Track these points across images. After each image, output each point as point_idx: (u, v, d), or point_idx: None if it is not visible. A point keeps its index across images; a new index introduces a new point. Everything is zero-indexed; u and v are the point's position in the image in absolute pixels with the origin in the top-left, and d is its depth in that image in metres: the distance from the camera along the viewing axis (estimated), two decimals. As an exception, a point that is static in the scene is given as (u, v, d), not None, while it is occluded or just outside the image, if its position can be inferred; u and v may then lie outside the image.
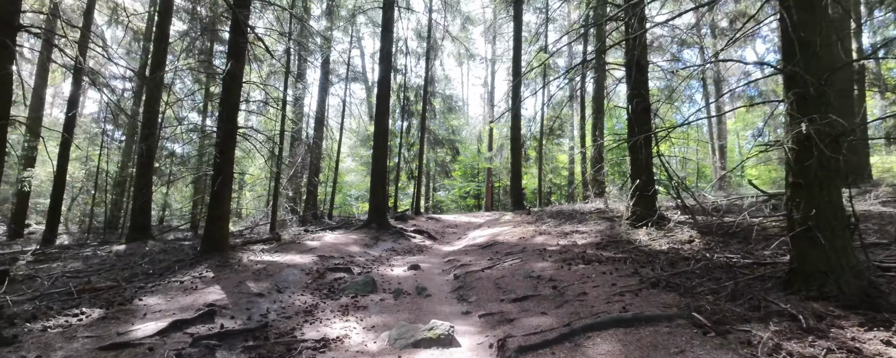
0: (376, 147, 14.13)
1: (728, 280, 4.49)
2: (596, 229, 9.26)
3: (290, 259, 8.59)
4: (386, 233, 13.03)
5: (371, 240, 12.01)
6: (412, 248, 11.68)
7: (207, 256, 8.34)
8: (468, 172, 33.36)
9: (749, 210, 9.18)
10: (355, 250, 10.49)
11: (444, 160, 26.87)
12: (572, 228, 10.05)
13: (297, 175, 19.13)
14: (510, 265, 7.02)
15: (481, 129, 27.87)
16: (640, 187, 8.11)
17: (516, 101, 17.13)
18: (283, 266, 7.83)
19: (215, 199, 8.55)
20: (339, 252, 9.93)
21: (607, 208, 14.09)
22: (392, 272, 8.00)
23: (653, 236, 7.40)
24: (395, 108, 23.52)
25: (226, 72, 8.38)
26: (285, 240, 11.49)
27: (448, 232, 15.58)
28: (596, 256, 6.76)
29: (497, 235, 11.20)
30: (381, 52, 14.29)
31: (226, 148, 8.64)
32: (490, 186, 28.52)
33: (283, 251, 9.54)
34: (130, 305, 5.42)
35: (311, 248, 10.03)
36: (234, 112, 8.77)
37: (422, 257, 9.95)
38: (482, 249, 9.57)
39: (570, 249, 7.52)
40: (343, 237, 12.11)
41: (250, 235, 13.92)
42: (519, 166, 16.77)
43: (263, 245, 10.58)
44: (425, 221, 18.49)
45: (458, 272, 7.38)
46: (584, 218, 11.47)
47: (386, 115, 14.25)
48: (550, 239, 9.01)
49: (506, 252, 8.38)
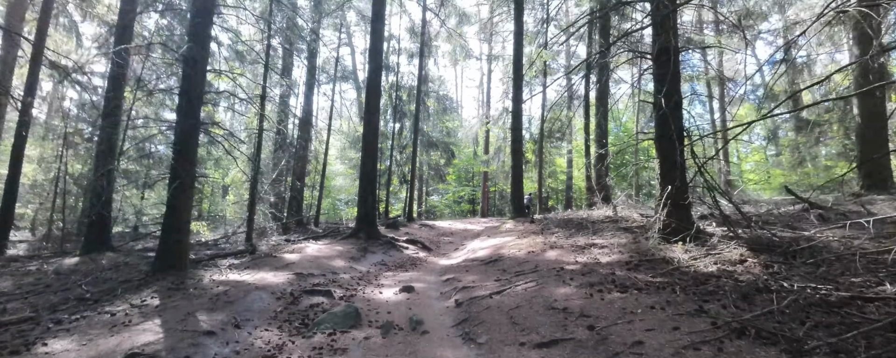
0: (365, 149, 12.83)
1: (840, 325, 3.27)
2: (617, 243, 8.03)
3: (261, 278, 7.27)
4: (375, 243, 11.73)
5: (358, 252, 10.71)
6: (404, 261, 10.39)
7: (161, 275, 7.00)
8: (463, 176, 32.11)
9: (792, 220, 8.03)
10: (340, 265, 9.18)
11: (438, 163, 25.60)
12: (587, 241, 8.82)
13: (281, 179, 17.78)
14: (524, 290, 5.76)
15: (478, 130, 26.67)
16: (673, 195, 6.90)
17: (518, 99, 15.92)
18: (250, 289, 6.51)
19: (171, 207, 7.22)
20: (320, 268, 8.61)
21: (617, 216, 12.91)
22: (380, 296, 6.70)
23: (693, 254, 6.19)
24: (386, 108, 22.25)
25: (183, 55, 7.07)
26: (261, 252, 10.15)
27: (444, 241, 14.29)
28: (631, 280, 5.52)
29: (500, 247, 9.95)
30: (371, 45, 13.03)
31: (185, 147, 7.32)
32: (486, 191, 27.30)
33: (255, 267, 8.21)
34: (27, 353, 4.08)
35: (288, 263, 8.71)
36: (196, 104, 7.45)
37: (415, 274, 8.66)
38: (485, 265, 8.30)
39: (593, 269, 6.28)
40: (327, 249, 10.80)
41: (225, 245, 12.55)
42: (520, 170, 15.56)
43: (234, 259, 9.24)
44: (418, 228, 17.20)
45: (461, 298, 6.11)
46: (597, 228, 10.25)
47: (376, 114, 12.97)
48: (565, 254, 7.77)
49: (515, 271, 7.12)
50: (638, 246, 7.44)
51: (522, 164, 15.97)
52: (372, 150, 12.79)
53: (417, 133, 20.47)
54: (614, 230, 9.61)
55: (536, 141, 22.28)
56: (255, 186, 11.72)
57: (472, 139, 27.40)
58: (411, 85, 21.91)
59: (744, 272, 5.37)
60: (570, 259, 7.31)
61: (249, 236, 11.55)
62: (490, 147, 27.18)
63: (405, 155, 22.78)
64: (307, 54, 19.50)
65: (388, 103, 22.16)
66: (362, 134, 13.07)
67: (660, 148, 7.37)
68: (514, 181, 15.42)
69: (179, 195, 7.12)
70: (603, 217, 12.77)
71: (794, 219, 8.12)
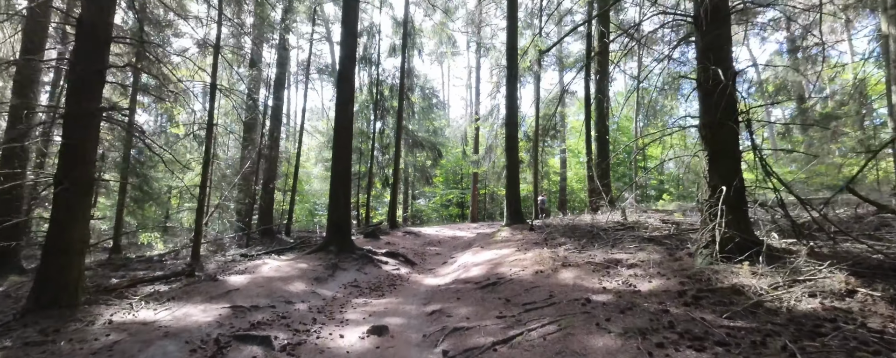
0: (337, 145, 10.98)
1: None
2: (649, 260, 6.30)
3: (182, 316, 5.40)
4: (348, 258, 9.88)
5: (326, 270, 8.85)
6: (381, 281, 8.56)
7: (37, 315, 5.09)
8: (451, 178, 30.33)
9: (869, 228, 6.37)
10: (298, 290, 7.32)
11: (424, 164, 23.79)
12: (607, 256, 7.09)
13: (248, 183, 15.82)
14: (543, 339, 3.98)
15: (467, 127, 24.90)
16: (731, 197, 5.19)
17: (512, 90, 14.17)
18: (156, 336, 4.64)
19: (54, 222, 5.30)
20: (270, 296, 6.75)
21: (628, 222, 11.26)
22: (340, 342, 4.86)
23: (771, 281, 4.46)
24: (367, 104, 20.41)
25: (77, 19, 5.20)
26: (205, 273, 8.25)
27: (430, 253, 12.47)
28: (699, 324, 3.77)
29: (498, 262, 8.16)
30: (344, 23, 11.18)
31: (79, 140, 5.42)
32: (476, 194, 25.53)
33: (184, 298, 6.33)
34: None
35: (230, 289, 6.83)
36: (95, 85, 5.56)
37: (393, 301, 6.83)
38: (481, 289, 6.50)
39: (634, 303, 4.53)
40: (288, 266, 8.93)
41: (169, 263, 10.59)
42: (516, 169, 13.81)
43: (163, 284, 7.32)
44: (402, 236, 15.37)
45: (451, 349, 4.31)
46: (612, 238, 8.53)
47: (349, 104, 11.12)
48: (586, 276, 6.01)
49: (523, 302, 5.33)
50: (681, 265, 5.71)
51: (518, 163, 14.23)
52: (345, 145, 10.95)
53: (401, 131, 18.64)
54: (636, 241, 7.89)
55: (530, 139, 20.60)
56: (203, 191, 9.80)
57: (461, 138, 25.65)
58: (393, 78, 20.07)
59: (865, 312, 3.66)
60: (595, 284, 5.55)
61: (196, 252, 9.62)
62: (480, 146, 25.43)
63: (388, 156, 20.93)
64: (278, 44, 17.59)
65: (368, 99, 20.32)
66: (333, 129, 11.21)
67: (707, 136, 5.65)
68: (509, 182, 13.67)
69: (65, 205, 5.22)
70: (612, 223, 11.08)
71: (869, 227, 6.47)
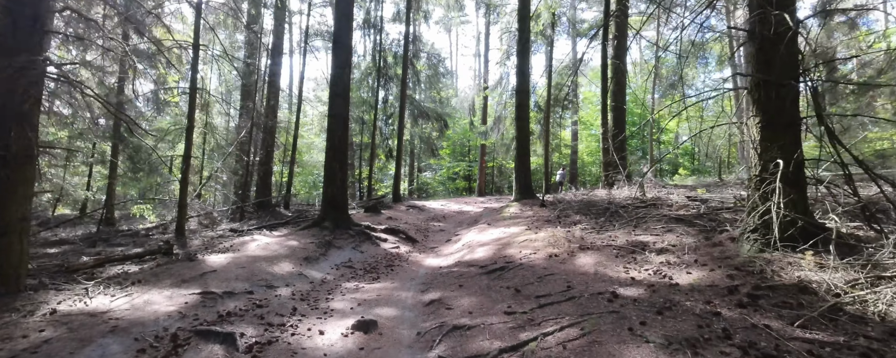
0: (333, 114, 10.09)
1: None
2: (682, 244, 5.45)
3: (142, 304, 4.69)
4: (344, 234, 9.14)
5: (318, 248, 8.12)
6: (377, 261, 7.81)
7: (-30, 304, 4.38)
8: (458, 150, 29.38)
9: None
10: (284, 271, 6.60)
11: (430, 136, 22.85)
12: (630, 238, 6.25)
13: (244, 153, 15.03)
14: (562, 348, 3.18)
15: (475, 96, 23.77)
16: (789, 176, 4.28)
17: (523, 56, 13.06)
18: (99, 332, 3.93)
19: (-14, 196, 4.53)
20: (251, 278, 6.03)
21: (647, 198, 10.39)
22: (318, 340, 4.11)
23: (846, 277, 3.60)
24: (369, 72, 19.36)
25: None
26: (185, 251, 7.54)
27: (433, 229, 11.72)
28: (767, 335, 2.95)
29: (506, 242, 7.36)
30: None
31: (17, 103, 4.59)
32: (483, 166, 24.62)
33: (151, 281, 5.61)
34: None
35: (206, 271, 6.11)
36: (30, 33, 4.69)
37: (387, 287, 6.07)
38: (488, 274, 5.71)
39: (673, 300, 3.71)
40: (278, 243, 8.21)
41: (151, 237, 9.94)
42: (526, 141, 12.85)
43: (134, 264, 6.62)
44: (405, 211, 14.62)
45: (449, 354, 3.53)
46: (636, 217, 7.67)
47: (346, 68, 10.14)
48: (608, 262, 5.18)
49: (536, 294, 4.54)
50: (722, 252, 4.85)
51: (528, 134, 13.26)
52: (341, 113, 10.06)
53: (404, 99, 17.64)
54: (662, 221, 7.03)
55: (541, 110, 19.52)
56: (187, 162, 9.01)
57: (468, 108, 24.56)
58: (398, 50, 18.89)
59: None
60: (620, 273, 4.72)
61: (180, 228, 8.91)
62: (488, 117, 24.36)
63: (391, 126, 20.01)
64: (275, 6, 16.47)
65: (371, 67, 19.26)
66: (329, 93, 10.29)
67: (761, 99, 4.69)
68: (518, 155, 12.74)
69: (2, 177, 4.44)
70: (630, 199, 10.22)
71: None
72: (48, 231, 12.42)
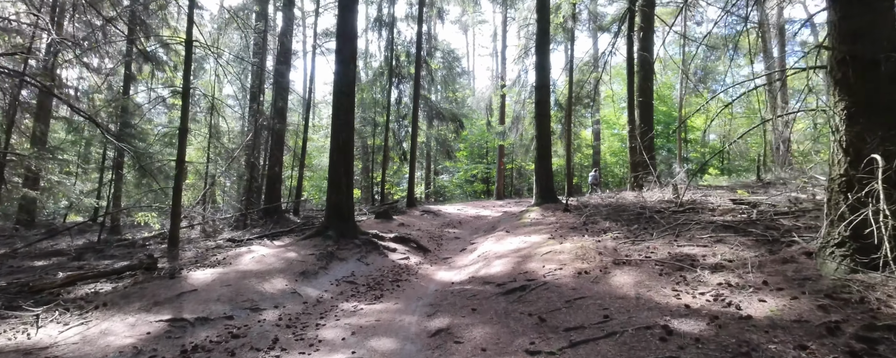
0: (338, 113, 9.35)
1: None
2: (743, 259, 4.49)
3: (93, 337, 3.97)
4: (348, 244, 8.37)
5: (318, 260, 7.36)
6: (383, 275, 7.01)
7: None
8: (476, 152, 28.48)
9: None
10: (275, 289, 5.84)
11: (445, 137, 22.00)
12: (673, 250, 5.30)
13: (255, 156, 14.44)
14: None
15: (492, 95, 22.85)
16: (892, 175, 3.33)
17: (543, 51, 12.13)
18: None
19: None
20: (235, 299, 5.28)
21: (683, 201, 9.38)
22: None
23: None
24: (382, 71, 18.65)
25: None
26: (174, 264, 6.86)
27: (447, 236, 10.87)
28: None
29: (527, 254, 6.47)
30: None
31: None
32: (501, 168, 23.68)
33: (118, 304, 4.91)
34: None
35: (185, 290, 5.39)
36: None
37: (389, 308, 5.25)
38: (505, 295, 4.85)
39: (752, 343, 2.81)
40: (275, 255, 7.48)
41: (148, 247, 9.34)
42: (547, 140, 11.90)
43: (109, 282, 5.94)
44: (418, 217, 13.82)
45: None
46: (676, 224, 6.69)
47: (351, 63, 9.37)
48: (651, 281, 4.27)
49: (564, 327, 3.66)
50: (798, 271, 3.89)
51: (549, 133, 12.31)
52: (346, 111, 9.31)
53: (418, 98, 16.85)
54: (708, 229, 6.05)
55: (562, 108, 18.52)
56: (180, 167, 8.36)
57: (485, 108, 23.66)
58: (412, 50, 18.09)
59: None
60: (669, 298, 3.81)
61: (173, 238, 8.25)
62: (506, 117, 23.41)
63: (405, 128, 19.23)
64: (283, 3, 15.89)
65: (383, 65, 18.55)
66: (333, 90, 9.55)
67: (848, 79, 3.73)
68: (539, 155, 11.81)
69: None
70: (664, 202, 9.23)
71: None
72: (51, 240, 12.01)
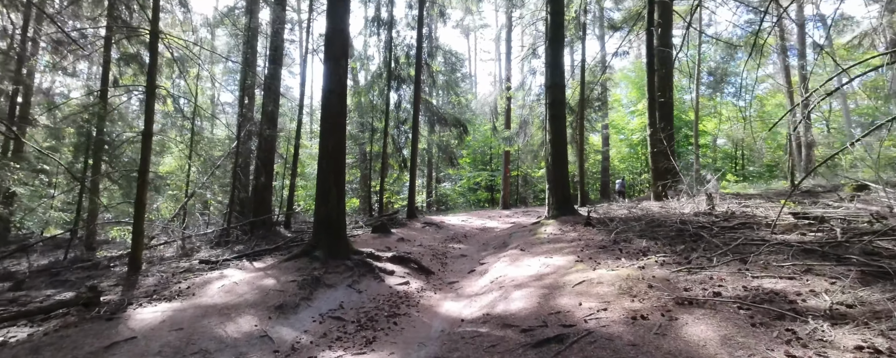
0: (327, 115, 8.19)
1: None
2: (870, 304, 3.29)
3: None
4: (339, 266, 7.17)
5: (301, 287, 6.16)
6: (378, 306, 5.79)
7: None
8: (479, 158, 27.31)
9: None
10: (239, 332, 4.64)
11: (448, 143, 20.84)
12: (747, 281, 4.08)
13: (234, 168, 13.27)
14: None
15: (497, 98, 21.69)
16: None
17: (556, 45, 10.96)
18: None
19: None
20: (184, 349, 4.09)
21: (719, 212, 8.25)
22: None
23: None
24: (380, 73, 17.54)
25: None
26: (124, 296, 5.68)
27: (453, 253, 9.65)
28: None
29: (553, 283, 5.25)
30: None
31: None
32: (507, 176, 22.48)
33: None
34: None
35: (120, 338, 4.20)
36: None
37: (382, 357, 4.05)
38: (535, 348, 3.64)
39: None
40: (249, 281, 6.29)
41: (112, 269, 8.14)
42: (563, 146, 10.68)
43: (29, 325, 4.75)
44: (420, 229, 12.62)
45: None
46: (731, 242, 5.47)
47: (342, 60, 8.22)
48: (744, 337, 3.06)
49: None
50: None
51: (565, 137, 11.10)
52: (337, 114, 8.16)
53: (418, 101, 15.71)
54: (781, 252, 4.83)
55: (572, 111, 17.36)
56: (143, 177, 7.19)
57: (490, 113, 22.51)
58: (412, 53, 16.99)
59: None
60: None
61: (135, 260, 7.07)
62: (512, 122, 22.26)
63: (405, 133, 18.08)
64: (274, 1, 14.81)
65: (381, 67, 17.44)
66: (322, 90, 8.39)
67: None
68: (554, 161, 10.58)
69: None
70: (702, 215, 8.07)
71: None
72: (11, 259, 10.85)
